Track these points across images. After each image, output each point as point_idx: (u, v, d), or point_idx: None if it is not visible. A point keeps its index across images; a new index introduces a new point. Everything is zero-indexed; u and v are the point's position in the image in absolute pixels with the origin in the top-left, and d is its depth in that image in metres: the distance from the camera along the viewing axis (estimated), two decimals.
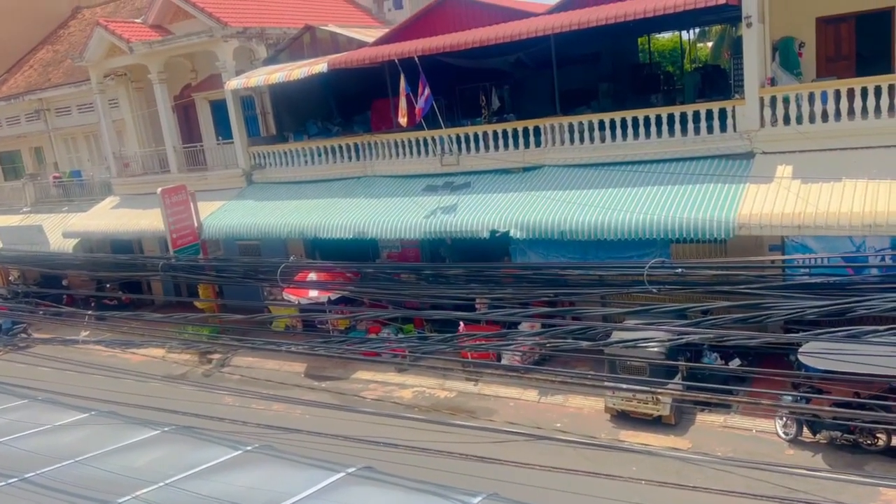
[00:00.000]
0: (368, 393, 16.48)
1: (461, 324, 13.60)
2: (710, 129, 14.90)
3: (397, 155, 19.07)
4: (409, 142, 18.72)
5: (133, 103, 25.01)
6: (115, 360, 18.43)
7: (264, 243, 21.20)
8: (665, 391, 12.30)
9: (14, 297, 17.30)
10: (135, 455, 6.29)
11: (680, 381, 12.60)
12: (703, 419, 13.38)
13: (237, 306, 18.73)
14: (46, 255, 18.71)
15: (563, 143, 16.67)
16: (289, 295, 17.50)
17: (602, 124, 16.17)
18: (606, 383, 13.34)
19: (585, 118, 16.57)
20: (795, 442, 12.17)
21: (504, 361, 15.95)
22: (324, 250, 20.77)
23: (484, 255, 16.72)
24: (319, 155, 20.42)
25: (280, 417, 13.46)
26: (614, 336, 11.90)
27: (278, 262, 8.55)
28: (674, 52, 30.29)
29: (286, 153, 21.16)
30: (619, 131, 15.86)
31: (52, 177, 28.02)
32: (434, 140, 18.15)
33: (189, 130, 24.49)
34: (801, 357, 10.56)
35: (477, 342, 9.60)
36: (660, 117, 15.42)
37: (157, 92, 22.66)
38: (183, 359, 20.03)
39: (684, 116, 15.26)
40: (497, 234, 15.70)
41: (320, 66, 18.65)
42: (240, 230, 19.98)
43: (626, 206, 14.42)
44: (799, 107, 13.97)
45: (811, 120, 13.84)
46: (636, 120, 15.64)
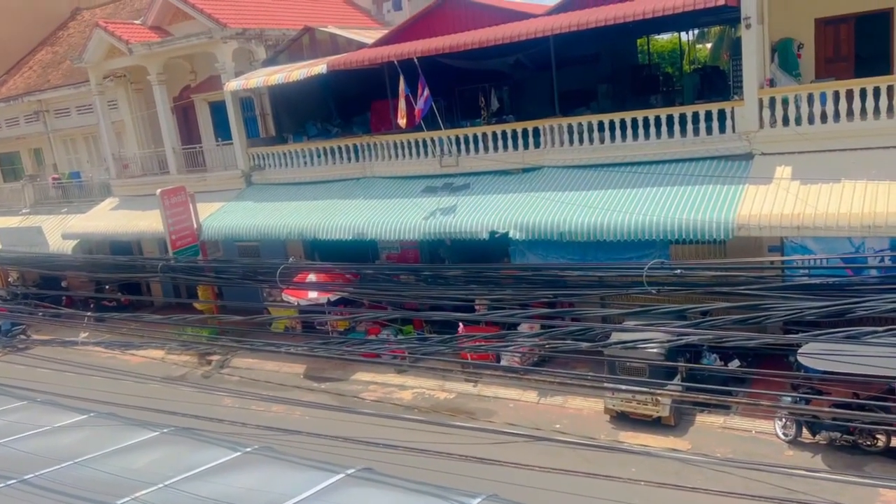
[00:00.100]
0: (368, 394, 16.48)
1: (460, 325, 13.60)
2: (710, 131, 14.91)
3: (397, 156, 19.07)
4: (409, 143, 18.72)
5: (132, 104, 25.00)
6: (115, 361, 18.43)
7: (263, 244, 21.20)
8: (664, 392, 12.31)
9: (13, 298, 17.29)
10: (134, 456, 6.29)
11: (679, 383, 12.61)
12: (703, 420, 13.38)
13: (236, 308, 18.74)
14: (46, 256, 18.73)
15: (562, 144, 16.68)
16: (288, 296, 17.50)
17: (601, 125, 16.18)
18: (606, 384, 13.35)
19: (585, 119, 16.59)
20: (795, 443, 12.17)
21: (503, 363, 15.95)
22: (323, 251, 20.76)
23: (483, 257, 16.73)
24: (319, 156, 20.42)
25: (279, 419, 13.45)
26: (613, 337, 11.90)
27: (278, 264, 8.56)
28: (673, 54, 30.31)
29: (285, 154, 21.16)
30: (618, 132, 15.87)
31: (51, 178, 28.02)
32: (433, 141, 18.15)
33: (188, 132, 24.49)
34: (800, 358, 10.57)
35: (476, 343, 9.59)
36: (659, 118, 15.43)
37: (157, 93, 22.66)
38: (182, 360, 20.04)
39: (683, 117, 15.27)
40: (496, 236, 15.70)
41: (319, 68, 18.66)
42: (239, 231, 19.96)
43: (625, 207, 14.42)
44: (798, 108, 13.98)
45: (810, 121, 13.85)
46: (635, 121, 15.65)
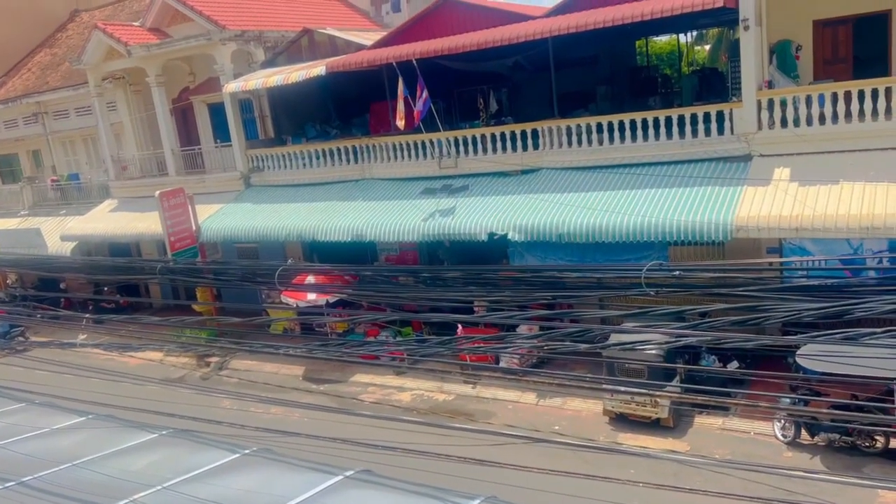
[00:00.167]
0: (367, 396, 16.48)
1: (459, 326, 13.60)
2: (708, 132, 14.93)
3: (395, 158, 19.07)
4: (408, 145, 18.72)
5: (131, 106, 24.98)
6: (113, 363, 18.40)
7: (262, 246, 21.18)
8: (663, 394, 12.30)
9: (12, 300, 17.28)
10: (132, 459, 6.28)
11: (678, 384, 12.61)
12: (702, 422, 13.38)
13: (235, 309, 18.74)
14: (44, 258, 18.72)
15: (560, 145, 16.69)
16: (287, 298, 17.48)
17: (600, 127, 16.19)
18: (605, 386, 13.34)
19: (583, 121, 16.60)
20: (793, 444, 12.16)
21: (502, 364, 15.94)
22: (322, 253, 20.75)
23: (482, 258, 16.72)
24: (317, 158, 20.42)
25: (278, 420, 13.41)
26: (612, 339, 11.90)
27: (276, 265, 8.56)
28: (671, 55, 30.31)
29: (284, 156, 21.15)
30: (616, 134, 15.88)
31: (49, 180, 28.01)
32: (432, 143, 18.16)
33: (187, 133, 24.49)
34: (798, 359, 10.59)
35: (475, 345, 9.59)
36: (657, 120, 15.44)
37: (155, 95, 22.65)
38: (181, 362, 20.02)
39: (682, 119, 15.29)
40: (495, 237, 15.70)
41: (318, 70, 18.67)
42: (238, 233, 19.95)
43: (623, 209, 14.43)
44: (796, 109, 13.99)
45: (808, 123, 13.87)
46: (634, 123, 15.66)
